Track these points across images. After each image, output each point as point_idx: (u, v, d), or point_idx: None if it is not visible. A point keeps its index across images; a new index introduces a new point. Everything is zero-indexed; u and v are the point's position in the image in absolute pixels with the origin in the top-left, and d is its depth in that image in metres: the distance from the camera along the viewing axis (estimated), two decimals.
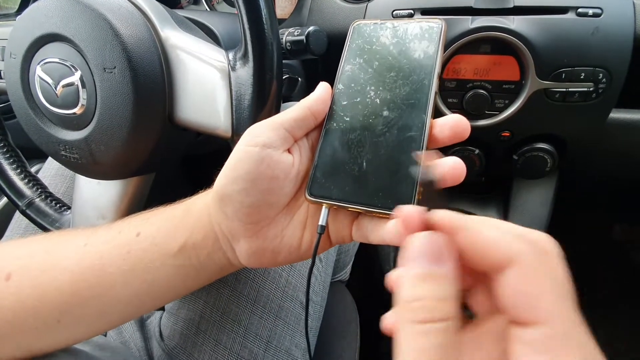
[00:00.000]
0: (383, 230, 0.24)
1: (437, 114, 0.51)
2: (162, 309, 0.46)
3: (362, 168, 0.25)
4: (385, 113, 0.25)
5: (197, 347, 0.41)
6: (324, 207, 0.25)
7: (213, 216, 0.27)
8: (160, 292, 0.29)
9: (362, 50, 0.28)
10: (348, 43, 0.28)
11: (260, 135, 0.25)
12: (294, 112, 0.26)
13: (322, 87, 0.27)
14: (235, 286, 0.42)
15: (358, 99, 0.26)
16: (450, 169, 0.23)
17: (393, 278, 0.18)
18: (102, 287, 0.28)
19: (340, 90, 0.27)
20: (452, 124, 0.24)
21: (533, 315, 0.15)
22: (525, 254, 0.16)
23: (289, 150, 0.27)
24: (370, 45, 0.28)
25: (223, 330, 0.41)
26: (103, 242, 0.29)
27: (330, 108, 0.27)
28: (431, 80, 0.25)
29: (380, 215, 0.24)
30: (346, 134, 0.26)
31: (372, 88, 0.26)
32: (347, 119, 0.26)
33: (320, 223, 0.25)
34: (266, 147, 0.25)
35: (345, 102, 0.27)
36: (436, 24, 0.27)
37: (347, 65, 0.28)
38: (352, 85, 0.27)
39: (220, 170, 0.26)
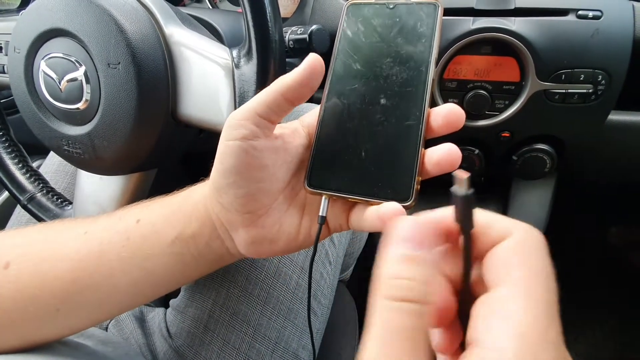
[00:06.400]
0: (370, 217, 0.23)
1: None
2: (166, 305, 0.46)
3: (361, 158, 0.24)
4: (383, 101, 0.25)
5: (205, 346, 0.41)
6: (323, 197, 0.25)
7: (210, 207, 0.27)
8: (159, 280, 0.29)
9: (356, 34, 0.27)
10: (342, 25, 0.27)
11: (237, 127, 0.24)
12: (266, 96, 0.25)
13: (301, 68, 0.24)
14: (246, 287, 0.42)
15: (354, 87, 0.26)
16: (445, 154, 0.23)
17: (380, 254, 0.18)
18: (101, 275, 0.28)
19: (335, 77, 0.26)
20: (445, 113, 0.24)
21: (502, 277, 0.16)
22: (518, 229, 0.17)
23: (278, 134, 0.26)
24: (365, 28, 0.27)
25: (232, 330, 0.41)
26: (103, 229, 0.29)
27: (326, 95, 0.26)
28: (428, 66, 0.25)
29: (380, 206, 0.23)
30: (343, 124, 0.25)
31: (368, 75, 0.26)
32: (343, 108, 0.26)
33: (320, 214, 0.25)
34: (245, 139, 0.24)
35: (340, 90, 0.26)
36: (433, 4, 0.26)
37: (342, 50, 0.27)
38: (347, 71, 0.26)
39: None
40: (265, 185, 0.26)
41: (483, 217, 0.18)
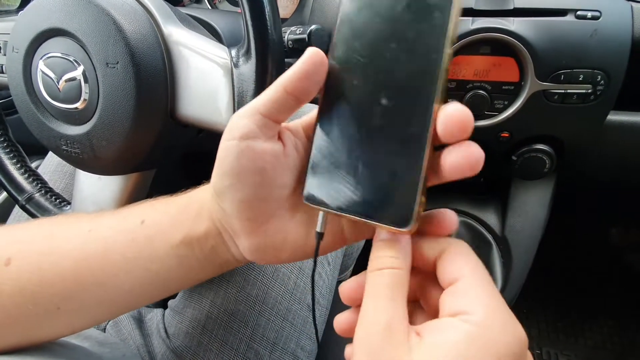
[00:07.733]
0: None
1: None
2: (164, 306, 0.46)
3: (358, 172, 0.22)
4: (384, 101, 0.21)
5: (203, 347, 0.40)
6: (320, 213, 0.24)
7: (213, 212, 0.27)
8: (163, 282, 0.28)
9: (356, 24, 0.22)
10: (340, 15, 0.23)
11: (237, 126, 0.23)
12: (268, 93, 0.23)
13: (302, 60, 0.22)
14: (244, 287, 0.42)
15: (352, 84, 0.22)
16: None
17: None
18: (104, 274, 0.27)
19: (332, 74, 0.23)
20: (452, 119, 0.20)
21: (456, 274, 0.21)
22: (451, 242, 0.22)
23: (279, 137, 0.24)
24: (367, 16, 0.22)
25: (230, 330, 0.41)
26: (108, 227, 0.28)
27: (323, 97, 0.23)
28: (441, 55, 0.20)
29: (380, 228, 0.22)
30: (340, 130, 0.23)
31: (370, 69, 0.22)
32: (341, 110, 0.22)
33: (317, 230, 0.24)
34: (244, 138, 0.23)
35: (338, 89, 0.23)
36: None
37: (340, 44, 0.23)
38: (346, 67, 0.22)
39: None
40: (264, 191, 0.24)
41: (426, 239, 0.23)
